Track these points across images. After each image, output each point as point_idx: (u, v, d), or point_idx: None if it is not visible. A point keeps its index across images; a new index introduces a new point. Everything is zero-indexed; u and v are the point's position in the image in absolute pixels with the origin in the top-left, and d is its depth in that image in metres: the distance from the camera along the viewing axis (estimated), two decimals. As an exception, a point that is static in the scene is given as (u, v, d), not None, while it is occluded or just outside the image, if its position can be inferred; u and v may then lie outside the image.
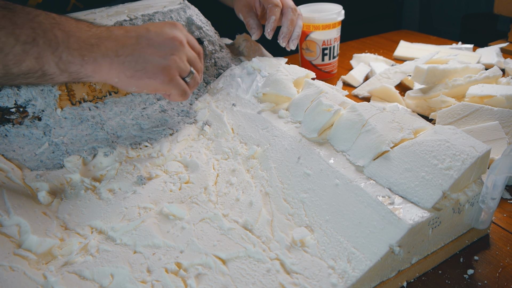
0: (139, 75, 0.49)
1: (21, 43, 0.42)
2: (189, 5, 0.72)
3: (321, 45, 0.89)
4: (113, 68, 0.48)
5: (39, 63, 0.44)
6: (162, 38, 0.51)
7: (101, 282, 0.41)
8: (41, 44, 0.44)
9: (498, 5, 1.09)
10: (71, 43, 0.45)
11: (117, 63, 0.48)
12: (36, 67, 0.44)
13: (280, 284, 0.39)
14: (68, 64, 0.45)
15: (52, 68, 0.45)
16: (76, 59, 0.46)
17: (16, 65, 0.43)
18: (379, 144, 0.47)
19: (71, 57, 0.45)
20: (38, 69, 0.44)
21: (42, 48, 0.44)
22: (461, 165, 0.42)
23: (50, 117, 0.59)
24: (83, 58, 0.46)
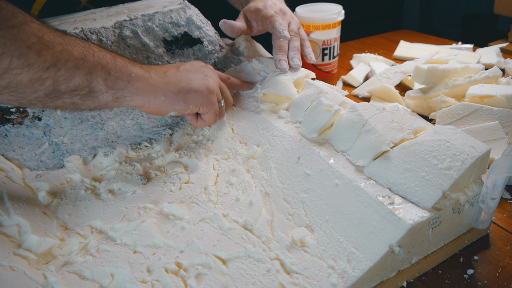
0: (186, 89, 0.52)
1: (74, 58, 0.44)
2: (189, 5, 0.72)
3: (321, 45, 0.89)
4: (159, 87, 0.51)
5: (88, 79, 0.45)
6: (196, 67, 0.56)
7: (101, 282, 0.41)
8: (92, 60, 0.45)
9: (498, 5, 1.09)
10: (118, 61, 0.48)
11: (162, 82, 0.51)
12: (84, 83, 0.45)
13: (280, 284, 0.39)
14: (116, 80, 0.47)
15: (99, 84, 0.46)
16: (124, 75, 0.48)
17: (66, 80, 0.44)
18: (379, 144, 0.47)
19: (120, 72, 0.47)
20: (86, 85, 0.45)
21: (93, 64, 0.45)
22: (461, 165, 0.42)
23: (50, 117, 0.58)
24: (131, 74, 0.48)
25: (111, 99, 0.48)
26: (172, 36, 0.69)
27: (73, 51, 0.44)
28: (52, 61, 0.43)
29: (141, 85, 0.49)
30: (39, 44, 0.42)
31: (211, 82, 0.55)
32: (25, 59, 0.41)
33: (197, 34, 0.71)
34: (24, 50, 0.41)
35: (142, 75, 0.50)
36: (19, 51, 0.41)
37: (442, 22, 2.58)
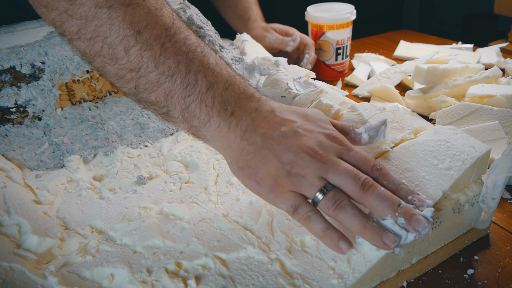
0: (249, 172, 0.39)
1: (159, 73, 0.39)
2: (189, 5, 0.72)
3: (335, 45, 0.89)
4: (231, 148, 0.41)
5: (167, 101, 0.40)
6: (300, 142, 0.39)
7: (101, 282, 0.41)
8: (177, 84, 0.39)
9: (498, 5, 1.09)
10: (206, 97, 0.40)
11: (236, 146, 0.40)
12: (163, 103, 0.40)
13: (280, 284, 0.39)
14: (192, 117, 0.41)
15: (177, 112, 0.41)
16: (202, 116, 0.40)
17: (147, 91, 0.40)
18: (379, 144, 0.47)
19: (199, 111, 0.40)
20: (164, 105, 0.41)
21: (176, 88, 0.40)
22: (461, 165, 0.42)
23: (50, 117, 0.59)
24: (209, 119, 0.40)
25: (188, 131, 0.42)
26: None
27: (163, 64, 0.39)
28: (136, 65, 0.39)
29: (215, 136, 0.41)
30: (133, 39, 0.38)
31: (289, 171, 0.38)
32: (113, 51, 0.38)
33: (197, 34, 0.71)
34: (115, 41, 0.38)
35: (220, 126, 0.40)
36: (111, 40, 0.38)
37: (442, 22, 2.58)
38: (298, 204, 0.38)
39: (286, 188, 0.38)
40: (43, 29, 0.63)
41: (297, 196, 0.38)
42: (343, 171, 0.37)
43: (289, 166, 0.38)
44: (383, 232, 0.36)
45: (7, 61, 0.56)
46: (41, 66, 0.58)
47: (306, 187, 0.38)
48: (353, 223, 0.36)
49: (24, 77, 0.57)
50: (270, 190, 0.39)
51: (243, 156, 0.40)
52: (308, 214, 0.37)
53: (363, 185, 0.37)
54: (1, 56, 0.56)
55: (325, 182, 0.38)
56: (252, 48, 0.79)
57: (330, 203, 0.37)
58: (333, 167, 0.38)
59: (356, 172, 0.38)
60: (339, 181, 0.37)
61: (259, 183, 0.39)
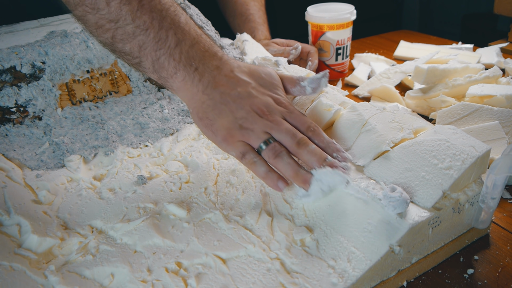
0: (206, 123, 0.47)
1: (135, 26, 0.44)
2: (189, 5, 0.72)
3: (335, 45, 0.89)
4: (194, 100, 0.47)
5: (140, 52, 0.45)
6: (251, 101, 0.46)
7: (101, 282, 0.41)
8: (151, 37, 0.44)
9: (498, 5, 1.09)
10: (175, 52, 0.45)
11: (198, 98, 0.47)
12: (136, 53, 0.45)
13: (280, 283, 0.39)
14: (161, 68, 0.46)
15: (148, 63, 0.46)
16: (169, 69, 0.46)
17: (122, 42, 0.45)
18: (379, 144, 0.47)
19: (167, 64, 0.45)
20: (137, 56, 0.45)
21: (149, 42, 0.44)
22: (461, 165, 0.42)
23: (51, 117, 0.59)
24: (176, 72, 0.46)
25: (157, 80, 0.47)
26: None
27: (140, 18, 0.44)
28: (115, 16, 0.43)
29: (180, 88, 0.47)
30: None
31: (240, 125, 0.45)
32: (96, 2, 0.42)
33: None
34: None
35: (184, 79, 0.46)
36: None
37: (442, 22, 2.58)
38: (246, 152, 0.45)
39: (237, 138, 0.46)
40: (43, 29, 0.63)
41: (245, 145, 0.46)
42: (284, 129, 0.45)
43: (241, 121, 0.45)
44: (310, 177, 0.44)
45: (8, 61, 0.56)
46: (41, 66, 0.58)
47: (253, 138, 0.45)
48: (287, 170, 0.45)
49: (25, 77, 0.57)
50: (223, 139, 0.46)
51: (203, 109, 0.46)
52: (254, 159, 0.45)
53: (298, 142, 0.45)
54: (2, 56, 0.56)
55: (269, 136, 0.45)
56: (252, 48, 0.79)
57: (271, 153, 0.45)
58: (276, 126, 0.45)
59: (294, 131, 0.45)
60: (280, 137, 0.45)
61: (215, 132, 0.46)
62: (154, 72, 0.46)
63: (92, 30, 0.46)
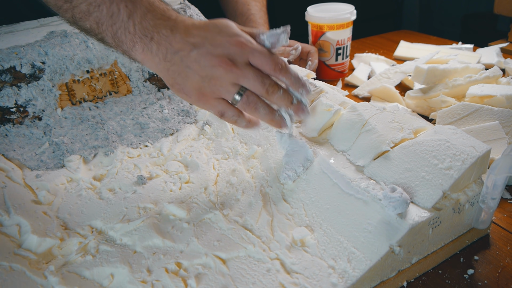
0: (178, 88, 0.47)
1: (87, 4, 0.44)
2: (189, 5, 0.72)
3: (335, 45, 0.89)
4: (159, 68, 0.47)
5: (99, 29, 0.45)
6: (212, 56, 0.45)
7: (101, 282, 0.41)
8: (104, 13, 0.45)
9: (498, 5, 1.09)
10: (129, 24, 0.45)
11: (162, 66, 0.47)
12: (96, 30, 0.46)
13: (280, 283, 0.39)
14: (121, 43, 0.46)
15: (109, 38, 0.46)
16: (127, 43, 0.46)
17: (82, 20, 0.45)
18: (379, 144, 0.47)
19: (124, 37, 0.46)
20: (98, 32, 0.46)
21: (104, 17, 0.45)
22: (461, 165, 0.42)
23: (51, 117, 0.59)
24: (134, 45, 0.46)
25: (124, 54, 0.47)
26: None
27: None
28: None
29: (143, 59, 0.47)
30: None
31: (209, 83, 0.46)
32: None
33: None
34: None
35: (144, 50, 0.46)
36: None
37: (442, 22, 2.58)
38: (224, 110, 0.47)
39: (210, 96, 0.46)
40: (43, 29, 0.63)
41: (220, 101, 0.46)
42: (251, 77, 0.45)
43: (207, 79, 0.46)
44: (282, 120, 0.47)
45: (7, 61, 0.56)
46: (41, 66, 0.58)
47: (224, 93, 0.46)
48: (264, 117, 0.47)
49: (24, 77, 0.57)
50: (198, 99, 0.47)
51: (170, 75, 0.47)
52: (234, 118, 0.47)
53: (267, 90, 0.46)
54: (1, 56, 0.56)
55: (239, 87, 0.46)
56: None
57: (246, 105, 0.46)
58: (242, 75, 0.45)
59: (261, 78, 0.46)
60: (249, 85, 0.46)
61: (187, 94, 0.47)
62: (117, 46, 0.47)
63: (56, 10, 0.47)
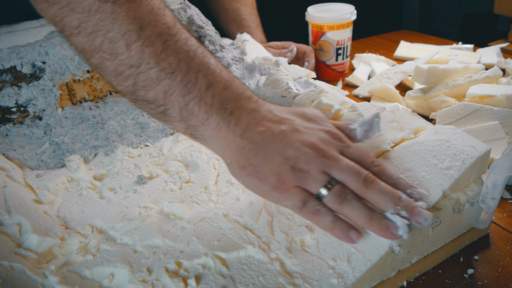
0: (251, 171, 0.39)
1: (159, 69, 0.39)
2: (189, 5, 0.72)
3: (335, 45, 0.89)
4: (231, 147, 0.40)
5: (165, 99, 0.40)
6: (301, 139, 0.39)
7: (101, 282, 0.41)
8: (177, 81, 0.39)
9: (498, 5, 1.09)
10: (206, 95, 0.40)
11: (236, 145, 0.40)
12: (161, 101, 0.40)
13: (280, 283, 0.39)
14: (190, 116, 0.40)
15: (174, 110, 0.40)
16: (200, 115, 0.40)
17: (145, 89, 0.40)
18: (380, 144, 0.47)
19: (198, 109, 0.40)
20: (162, 104, 0.40)
21: (176, 86, 0.39)
22: (461, 165, 0.42)
23: (51, 117, 0.59)
24: (208, 118, 0.40)
25: (184, 132, 0.42)
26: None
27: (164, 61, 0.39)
28: (136, 60, 0.38)
29: (214, 135, 0.40)
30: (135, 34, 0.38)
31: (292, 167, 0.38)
32: (114, 46, 0.38)
33: (197, 34, 0.71)
34: (117, 36, 0.38)
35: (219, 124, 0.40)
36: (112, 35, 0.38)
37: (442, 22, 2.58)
38: (306, 199, 0.38)
39: (291, 184, 0.38)
40: (43, 29, 0.63)
41: (302, 191, 0.38)
42: (345, 166, 0.38)
43: (292, 162, 0.38)
44: (389, 222, 0.37)
45: (8, 61, 0.56)
46: (41, 66, 0.58)
47: (310, 182, 0.38)
48: (359, 215, 0.37)
49: (25, 77, 0.57)
50: (274, 187, 0.38)
51: (244, 155, 0.39)
52: (316, 208, 0.38)
53: (365, 180, 0.38)
54: (2, 56, 0.56)
55: (329, 177, 0.38)
56: (253, 48, 0.79)
57: (336, 197, 0.37)
58: (335, 163, 0.38)
59: (358, 168, 0.38)
60: (342, 177, 0.38)
61: (262, 180, 0.39)
62: (182, 120, 0.41)
63: (111, 78, 0.41)
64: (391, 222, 0.37)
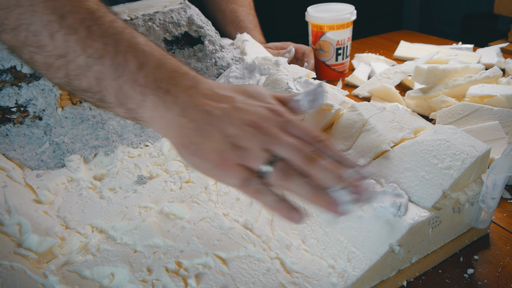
0: (193, 149, 0.38)
1: (87, 56, 0.38)
2: (189, 5, 0.72)
3: (335, 45, 0.89)
4: (171, 126, 0.39)
5: (99, 86, 0.39)
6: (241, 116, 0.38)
7: (101, 281, 0.41)
8: (107, 65, 0.38)
9: (498, 5, 1.09)
10: (139, 76, 0.38)
11: (176, 124, 0.38)
12: (95, 88, 0.39)
13: (280, 283, 0.39)
14: (126, 99, 0.39)
15: (110, 96, 0.39)
16: (136, 96, 0.38)
17: (77, 78, 0.39)
18: (380, 144, 0.47)
19: (132, 91, 0.38)
20: (97, 91, 0.39)
21: (106, 70, 0.38)
22: (461, 165, 0.42)
23: (51, 117, 0.59)
24: (144, 99, 0.38)
25: (125, 116, 0.41)
26: (173, 36, 0.69)
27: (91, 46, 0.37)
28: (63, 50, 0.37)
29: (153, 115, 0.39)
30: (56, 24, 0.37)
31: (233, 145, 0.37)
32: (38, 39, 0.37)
33: (197, 34, 0.71)
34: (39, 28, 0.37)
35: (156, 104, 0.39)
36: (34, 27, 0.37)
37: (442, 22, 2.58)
38: (248, 177, 0.37)
39: (232, 161, 0.37)
40: (43, 29, 0.63)
41: (245, 169, 0.37)
42: (287, 143, 0.37)
43: (233, 139, 0.37)
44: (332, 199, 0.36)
45: (8, 61, 0.56)
46: (41, 66, 0.58)
47: (252, 159, 0.37)
48: (304, 191, 0.36)
49: (25, 77, 0.57)
50: (216, 165, 0.38)
51: (184, 133, 0.38)
52: (258, 186, 0.37)
53: (307, 157, 0.37)
54: (2, 56, 0.56)
55: (271, 155, 0.37)
56: (253, 48, 0.79)
57: (280, 174, 0.36)
58: (277, 140, 0.37)
59: (300, 145, 0.37)
60: (285, 153, 0.37)
61: (203, 158, 0.38)
62: (120, 105, 0.39)
63: (44, 72, 0.40)
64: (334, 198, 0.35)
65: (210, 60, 0.72)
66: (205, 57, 0.71)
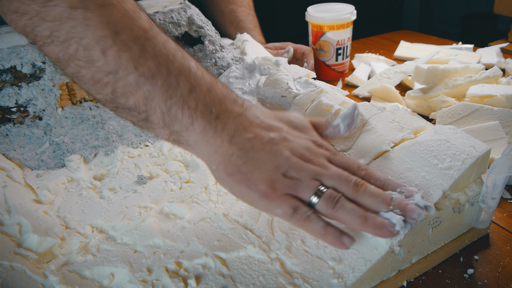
0: (240, 178, 0.38)
1: (138, 74, 0.37)
2: (189, 5, 0.72)
3: (335, 45, 0.89)
4: (218, 153, 0.39)
5: (146, 105, 0.38)
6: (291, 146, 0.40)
7: (101, 281, 0.41)
8: (158, 85, 0.38)
9: (498, 5, 1.09)
10: (189, 99, 0.38)
11: (224, 151, 0.38)
12: (142, 107, 0.38)
13: (280, 283, 0.39)
14: (173, 121, 0.38)
15: (157, 116, 0.38)
16: (184, 120, 0.38)
17: (124, 96, 0.38)
18: (380, 144, 0.47)
19: (181, 114, 0.38)
20: (143, 110, 0.39)
21: (157, 90, 0.38)
22: (461, 165, 0.42)
23: (51, 117, 0.59)
24: (192, 123, 0.38)
25: (167, 138, 0.40)
26: (173, 36, 0.69)
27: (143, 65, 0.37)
28: (114, 66, 0.37)
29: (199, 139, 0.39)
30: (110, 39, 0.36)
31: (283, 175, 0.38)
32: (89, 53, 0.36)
33: (198, 34, 0.71)
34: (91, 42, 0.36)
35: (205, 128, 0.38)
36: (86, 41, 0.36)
37: (442, 22, 2.59)
38: (297, 206, 0.38)
39: (281, 191, 0.38)
40: (43, 29, 0.63)
41: (293, 198, 0.38)
42: (335, 173, 0.39)
43: (283, 170, 0.38)
44: (384, 220, 0.37)
45: (8, 61, 0.56)
46: (41, 66, 0.58)
47: (302, 189, 0.38)
48: (353, 217, 0.37)
49: (25, 77, 0.57)
50: (264, 195, 0.38)
51: (232, 162, 0.38)
52: (307, 214, 0.38)
53: (355, 185, 0.39)
54: (2, 56, 0.56)
55: (320, 184, 0.39)
56: (253, 48, 0.79)
57: (328, 202, 0.38)
58: (325, 170, 0.39)
59: (347, 174, 0.39)
60: (332, 183, 0.39)
61: (252, 188, 0.38)
62: (165, 126, 0.39)
63: (89, 87, 0.39)
64: (386, 220, 0.37)
65: (210, 60, 0.72)
66: (205, 57, 0.71)
